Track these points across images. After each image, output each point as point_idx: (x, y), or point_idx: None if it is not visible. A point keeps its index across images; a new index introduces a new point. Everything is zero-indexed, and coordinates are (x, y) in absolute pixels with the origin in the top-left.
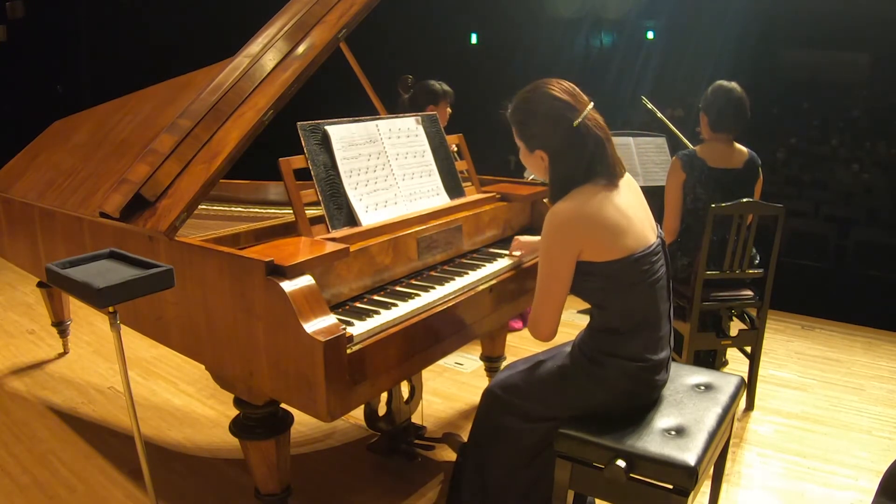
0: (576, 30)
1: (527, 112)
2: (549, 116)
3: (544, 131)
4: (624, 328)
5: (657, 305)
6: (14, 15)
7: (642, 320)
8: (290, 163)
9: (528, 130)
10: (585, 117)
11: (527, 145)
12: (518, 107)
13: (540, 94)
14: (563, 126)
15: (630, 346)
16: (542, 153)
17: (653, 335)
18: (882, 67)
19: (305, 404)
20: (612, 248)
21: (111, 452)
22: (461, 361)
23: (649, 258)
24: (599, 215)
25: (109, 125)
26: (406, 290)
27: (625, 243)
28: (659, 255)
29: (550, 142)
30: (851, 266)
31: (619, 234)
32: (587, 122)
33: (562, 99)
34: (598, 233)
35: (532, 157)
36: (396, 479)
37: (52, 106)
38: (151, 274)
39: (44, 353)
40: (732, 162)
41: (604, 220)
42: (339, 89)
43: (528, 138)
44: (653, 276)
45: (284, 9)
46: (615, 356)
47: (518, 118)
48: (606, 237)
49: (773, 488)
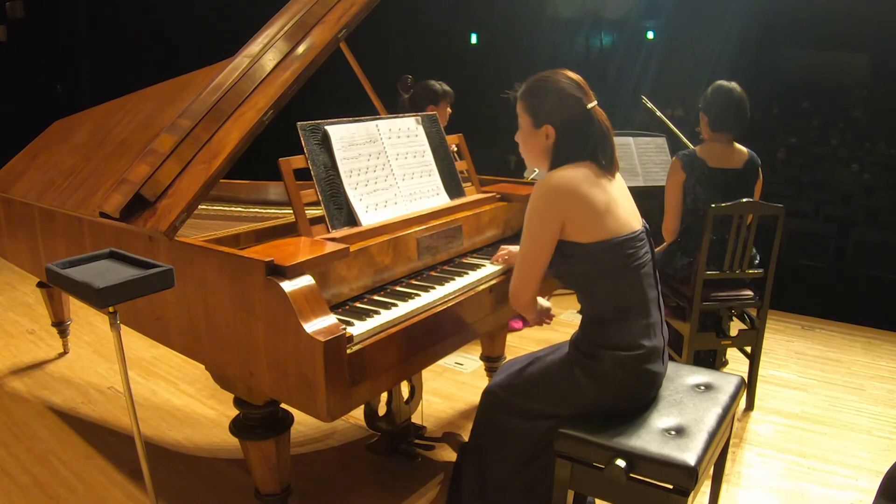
0: (576, 30)
1: (543, 88)
2: (565, 94)
3: (558, 107)
4: (612, 316)
5: (643, 291)
6: (14, 15)
7: (629, 306)
8: (290, 163)
9: (540, 104)
10: (595, 107)
11: (535, 120)
12: (534, 84)
13: (557, 75)
14: (577, 106)
15: (621, 334)
16: (550, 129)
17: (642, 322)
18: (882, 67)
19: (305, 404)
20: (594, 227)
21: (111, 452)
22: (461, 361)
23: (633, 243)
24: (585, 190)
25: (109, 125)
26: (406, 290)
27: (608, 224)
28: (643, 241)
29: (562, 116)
30: (851, 266)
31: (602, 213)
32: (596, 112)
33: (578, 83)
34: (582, 206)
35: (535, 134)
36: (396, 479)
37: (52, 106)
38: (151, 274)
39: (44, 353)
40: (732, 162)
41: (589, 196)
42: (339, 89)
43: (538, 112)
44: (637, 261)
45: (284, 9)
46: (608, 347)
47: (533, 93)
48: (590, 213)
49: (773, 488)
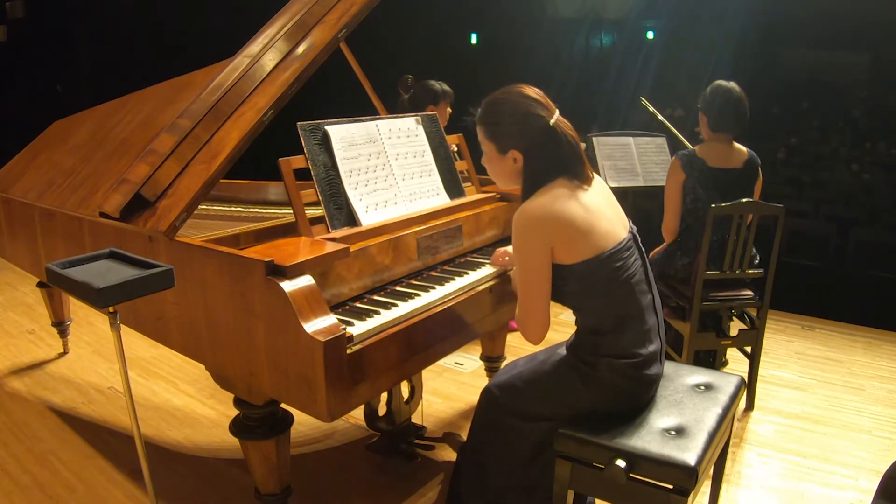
0: (576, 30)
1: (501, 112)
2: (525, 115)
3: (520, 129)
4: (606, 327)
5: (636, 300)
6: (14, 15)
7: (624, 317)
8: (290, 163)
9: (502, 130)
10: (557, 119)
11: (498, 146)
12: (492, 108)
13: (514, 95)
14: (540, 124)
15: (616, 344)
16: (516, 153)
17: (638, 329)
18: (882, 67)
19: (305, 404)
20: (580, 247)
21: (111, 452)
22: (461, 361)
23: (620, 255)
24: (565, 213)
25: (109, 125)
26: (406, 290)
27: (593, 241)
28: (631, 249)
29: (526, 140)
30: (851, 266)
31: (585, 232)
32: (560, 124)
33: (536, 99)
34: (565, 231)
35: (502, 161)
36: (396, 479)
37: (52, 106)
38: (151, 274)
39: (44, 353)
40: (732, 162)
41: (570, 218)
42: (339, 89)
43: (501, 138)
44: (626, 272)
45: (284, 9)
46: (604, 356)
47: (492, 119)
48: (574, 235)
49: (773, 488)
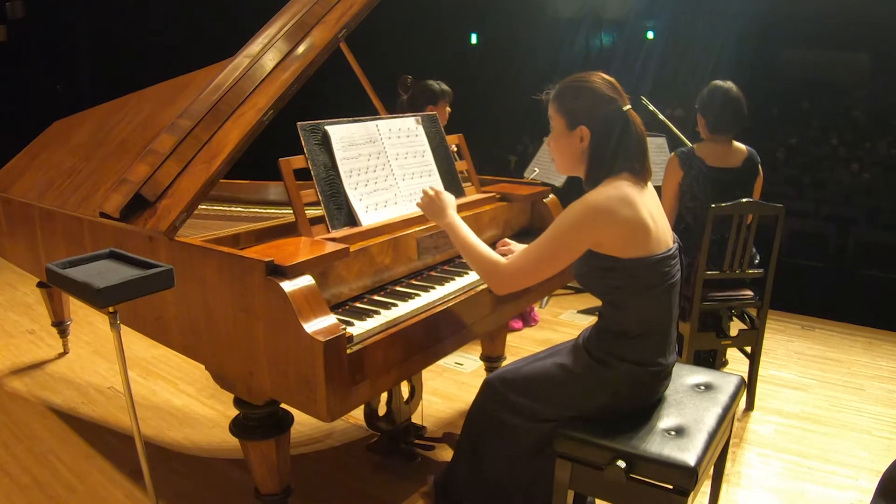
0: (576, 30)
1: (579, 88)
2: (602, 95)
3: (595, 106)
4: (636, 332)
5: (670, 310)
6: (14, 15)
7: (655, 324)
8: (290, 163)
9: (576, 104)
10: (630, 110)
11: (569, 122)
12: (571, 84)
13: (592, 76)
14: (614, 106)
15: (640, 350)
16: (585, 130)
17: (663, 339)
18: (882, 67)
19: (305, 404)
20: (635, 245)
21: (111, 452)
22: (461, 361)
23: (668, 261)
24: (625, 213)
25: (109, 125)
26: (406, 290)
27: (648, 242)
28: (676, 258)
29: (598, 117)
30: (851, 266)
31: (641, 231)
32: (632, 114)
33: (614, 86)
34: (620, 228)
35: (569, 137)
36: (396, 479)
37: (52, 106)
38: (151, 274)
39: (44, 353)
40: (731, 161)
41: (629, 217)
42: (339, 89)
43: (573, 113)
44: (670, 279)
45: (284, 9)
46: (624, 360)
47: (568, 93)
48: (628, 232)
49: (773, 488)
